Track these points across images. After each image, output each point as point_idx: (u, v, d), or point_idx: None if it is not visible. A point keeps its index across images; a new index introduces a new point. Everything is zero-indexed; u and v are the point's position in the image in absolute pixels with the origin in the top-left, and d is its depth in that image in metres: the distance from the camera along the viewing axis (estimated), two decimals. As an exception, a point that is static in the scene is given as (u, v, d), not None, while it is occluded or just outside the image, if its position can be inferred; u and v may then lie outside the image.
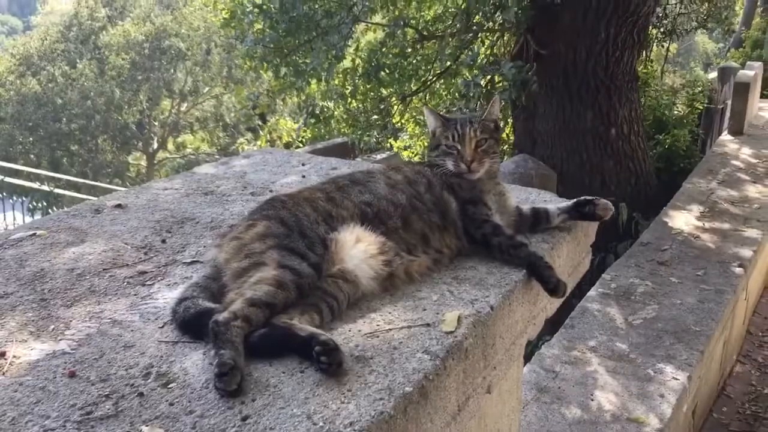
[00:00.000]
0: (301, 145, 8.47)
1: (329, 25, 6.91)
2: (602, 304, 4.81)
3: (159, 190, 2.38)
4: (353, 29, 6.68)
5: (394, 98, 7.79)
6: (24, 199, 10.99)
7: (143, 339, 1.48)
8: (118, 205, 2.22)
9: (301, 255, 1.58)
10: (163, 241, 1.97)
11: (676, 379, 3.95)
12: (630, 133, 7.12)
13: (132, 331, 1.51)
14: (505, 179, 5.53)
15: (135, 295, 1.66)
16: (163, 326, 1.52)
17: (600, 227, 2.30)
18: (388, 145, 8.02)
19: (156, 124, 23.25)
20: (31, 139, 21.74)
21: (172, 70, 21.53)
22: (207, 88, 21.46)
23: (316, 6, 6.94)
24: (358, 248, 1.66)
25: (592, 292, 4.96)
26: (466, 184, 1.97)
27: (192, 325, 1.48)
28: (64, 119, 21.40)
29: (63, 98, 21.31)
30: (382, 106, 7.55)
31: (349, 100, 7.47)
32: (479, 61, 6.44)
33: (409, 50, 7.36)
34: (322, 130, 7.44)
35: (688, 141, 9.04)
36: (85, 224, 2.08)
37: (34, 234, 1.99)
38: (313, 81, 7.08)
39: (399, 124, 8.62)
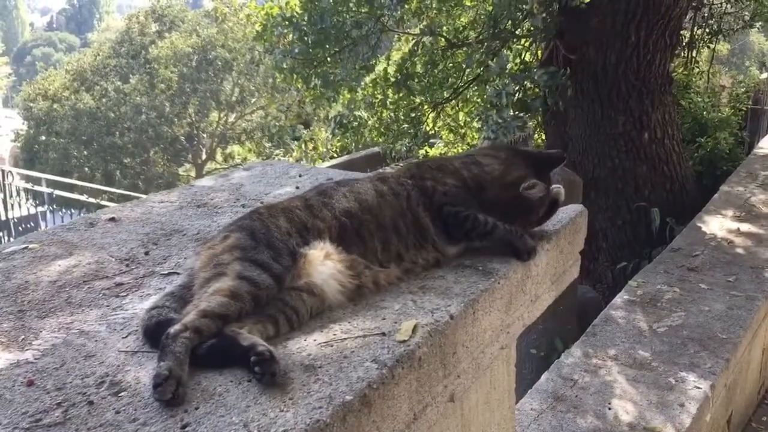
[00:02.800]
0: (335, 155, 8.57)
1: (358, 36, 6.98)
2: (627, 311, 4.73)
3: (155, 203, 2.45)
4: (381, 39, 6.73)
5: (425, 106, 7.81)
6: (72, 211, 11.35)
7: (105, 349, 1.53)
8: (112, 219, 2.30)
9: (264, 266, 1.62)
10: (147, 253, 2.03)
11: (699, 387, 3.86)
12: (664, 136, 6.99)
13: (96, 341, 1.57)
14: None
15: (107, 306, 1.73)
16: (126, 336, 1.58)
17: (633, 233, 2.29)
18: (423, 152, 8.03)
19: (204, 135, 23.72)
20: (85, 153, 22.41)
21: (219, 82, 21.96)
22: (253, 99, 21.80)
23: (346, 17, 7.01)
24: (326, 265, 1.69)
25: (617, 299, 4.89)
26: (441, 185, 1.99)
27: (153, 334, 1.53)
28: (117, 133, 22.00)
29: (116, 113, 21.92)
30: (413, 115, 7.58)
31: (379, 109, 7.52)
32: (509, 68, 6.42)
33: (439, 58, 7.37)
34: (350, 140, 7.51)
35: (732, 144, 8.82)
36: (76, 237, 2.16)
37: (26, 247, 2.08)
38: (344, 91, 7.16)
39: (432, 131, 8.63)
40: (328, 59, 7.31)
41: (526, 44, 8.03)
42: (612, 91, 6.79)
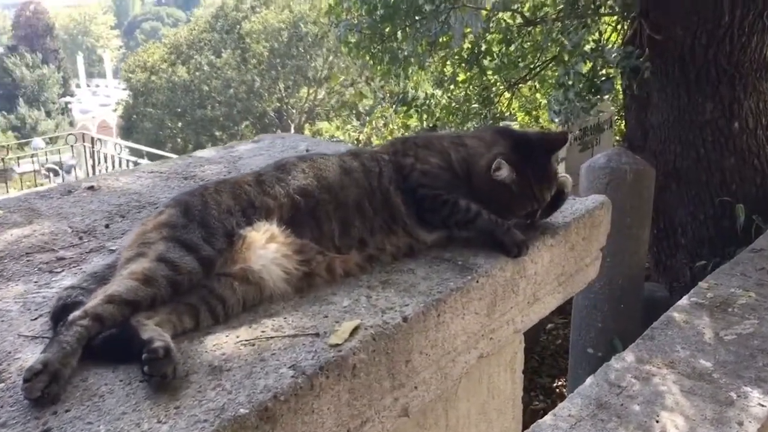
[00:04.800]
0: (403, 132, 8.31)
1: (430, 11, 6.68)
2: (692, 315, 4.31)
3: (143, 173, 2.31)
4: (450, 15, 6.41)
5: (498, 85, 7.45)
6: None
7: (6, 331, 1.38)
8: (91, 187, 2.16)
9: (191, 248, 1.42)
10: (107, 226, 1.88)
11: (762, 405, 3.45)
12: (757, 127, 6.39)
13: (2, 321, 1.41)
14: (595, 174, 5.12)
15: (35, 282, 1.58)
16: (36, 318, 1.42)
17: (715, 230, 1.99)
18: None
19: (294, 111, 23.92)
20: (179, 124, 23.02)
21: (308, 58, 22.04)
22: (342, 76, 21.76)
23: (417, -10, 6.73)
24: (268, 248, 1.48)
25: (683, 301, 4.47)
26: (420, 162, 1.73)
27: (59, 318, 1.36)
28: (209, 106, 22.47)
29: (208, 86, 22.38)
30: (484, 95, 7.24)
31: (449, 87, 7.22)
32: (581, 47, 5.98)
33: (514, 36, 6.99)
34: (416, 119, 7.24)
35: (839, 136, 8.04)
36: (45, 205, 2.03)
37: (-13, 214, 1.96)
38: (412, 68, 6.90)
39: (507, 113, 8.25)
40: (398, 34, 7.06)
41: (611, 22, 7.53)
42: (700, 75, 6.23)
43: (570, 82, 5.59)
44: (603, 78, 5.63)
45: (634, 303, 5.28)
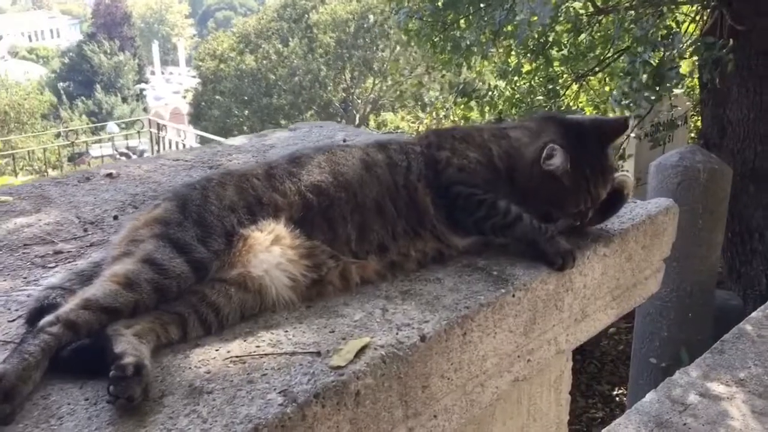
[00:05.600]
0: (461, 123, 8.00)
1: (496, -1, 6.41)
2: (767, 328, 3.97)
3: (167, 161, 2.17)
4: (516, 2, 6.11)
5: (566, 77, 7.10)
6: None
7: (-23, 333, 1.24)
8: (109, 174, 2.03)
9: (183, 248, 1.25)
10: (115, 218, 1.74)
11: None
12: None
13: (-24, 321, 1.28)
14: (666, 174, 4.78)
15: (24, 277, 1.44)
16: (14, 320, 1.28)
17: None
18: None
19: (359, 101, 23.81)
20: (246, 112, 23.20)
21: (374, 49, 21.88)
22: (402, 65, 21.51)
23: (483, -24, 6.46)
24: (272, 252, 1.30)
25: (757, 313, 4.12)
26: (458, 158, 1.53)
27: (35, 321, 1.21)
28: (275, 95, 22.56)
29: (275, 74, 22.46)
30: (549, 86, 6.92)
31: (513, 78, 6.92)
32: (652, 34, 5.60)
33: (584, 26, 6.64)
34: (476, 110, 6.97)
35: None
36: (58, 193, 1.91)
37: (-2, 200, 1.85)
38: (474, 57, 6.64)
39: (574, 106, 7.89)
40: (461, 22, 6.80)
41: (690, 12, 7.09)
42: (786, 69, 5.80)
43: (637, 71, 5.24)
44: (670, 67, 5.26)
45: (704, 312, 4.93)
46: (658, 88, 5.02)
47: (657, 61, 5.31)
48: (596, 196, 1.53)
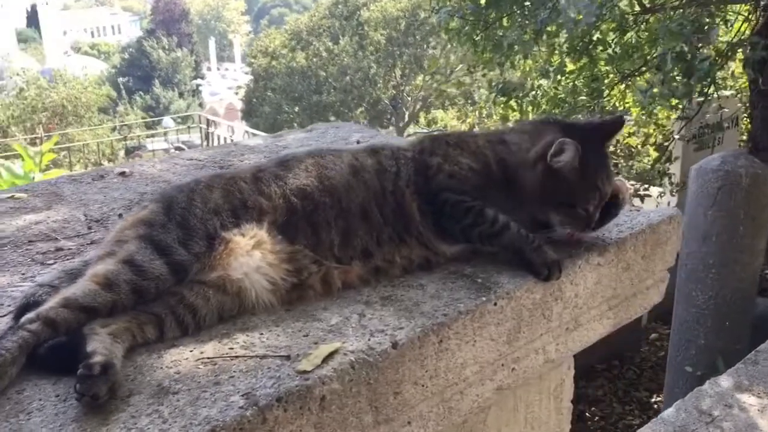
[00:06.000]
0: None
1: (539, -4, 6.33)
2: (806, 339, 3.84)
3: (181, 160, 2.21)
4: (558, 1, 6.03)
5: (611, 77, 6.98)
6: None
7: (-33, 327, 1.29)
8: (123, 173, 2.08)
9: (164, 250, 1.28)
10: (120, 216, 1.78)
11: None
12: None
13: (-32, 316, 1.33)
14: (706, 178, 4.66)
15: (22, 274, 1.49)
16: (4, 315, 1.32)
17: None
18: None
19: (409, 99, 23.81)
20: (296, 109, 23.42)
21: (425, 46, 21.85)
22: (459, 66, 21.43)
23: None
24: (252, 256, 1.32)
25: (797, 324, 4.00)
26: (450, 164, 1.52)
27: (19, 319, 1.25)
28: (325, 92, 22.72)
29: (325, 72, 22.63)
30: (593, 86, 6.80)
31: (556, 77, 6.82)
32: (684, 29, 5.46)
33: (629, 25, 6.51)
34: (517, 110, 6.88)
35: None
36: (70, 191, 1.97)
37: (12, 196, 1.91)
38: (516, 56, 6.57)
39: (620, 107, 7.75)
40: (505, 21, 6.74)
41: (743, 11, 6.88)
42: (841, 70, 5.60)
43: (667, 64, 5.12)
44: (702, 58, 5.12)
45: (743, 320, 4.80)
46: (687, 81, 4.90)
47: (688, 54, 5.18)
48: (604, 193, 1.51)
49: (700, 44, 5.31)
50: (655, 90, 5.79)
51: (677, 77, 5.17)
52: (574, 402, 5.60)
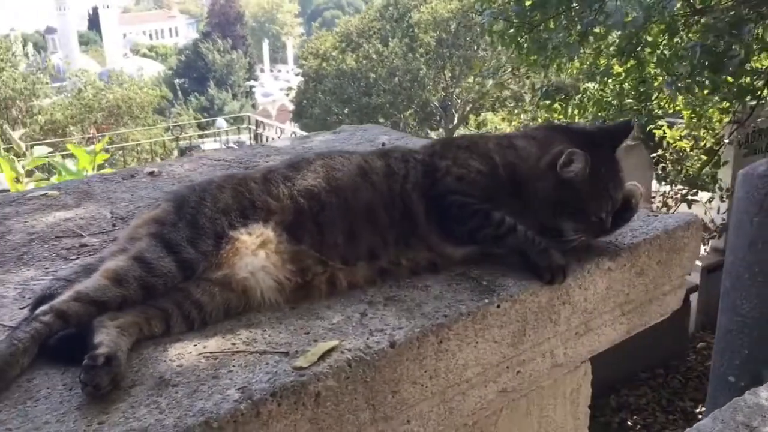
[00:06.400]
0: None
1: (586, -2, 6.26)
2: None
3: (209, 160, 2.27)
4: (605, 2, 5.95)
5: (660, 80, 6.85)
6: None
7: (-11, 318, 1.35)
8: (152, 173, 2.14)
9: (173, 248, 1.32)
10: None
11: None
12: None
13: (-9, 307, 1.39)
14: (752, 183, 4.54)
15: (46, 268, 1.56)
16: (24, 307, 1.39)
17: None
18: (643, 132, 7.09)
19: (459, 101, 23.73)
20: (345, 111, 23.58)
21: (475, 48, 21.75)
22: (509, 68, 21.29)
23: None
24: (258, 255, 1.35)
25: None
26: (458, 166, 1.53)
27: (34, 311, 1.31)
28: (374, 94, 22.81)
29: (375, 74, 22.72)
30: (641, 89, 6.69)
31: (602, 80, 6.72)
32: (718, 24, 5.33)
33: (678, 27, 6.38)
34: (559, 113, 6.79)
35: None
36: (101, 189, 2.04)
37: (46, 194, 1.99)
38: (561, 59, 6.49)
39: (670, 109, 7.59)
40: (552, 23, 6.67)
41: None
42: None
43: (695, 57, 5.02)
44: (732, 55, 5.00)
45: (791, 329, 4.66)
46: (715, 74, 4.81)
47: (719, 49, 5.08)
48: (616, 199, 1.51)
49: (734, 41, 5.18)
50: (681, 80, 5.68)
51: (700, 69, 5.07)
52: (616, 410, 5.55)
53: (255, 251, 1.35)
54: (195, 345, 1.25)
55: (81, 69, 27.81)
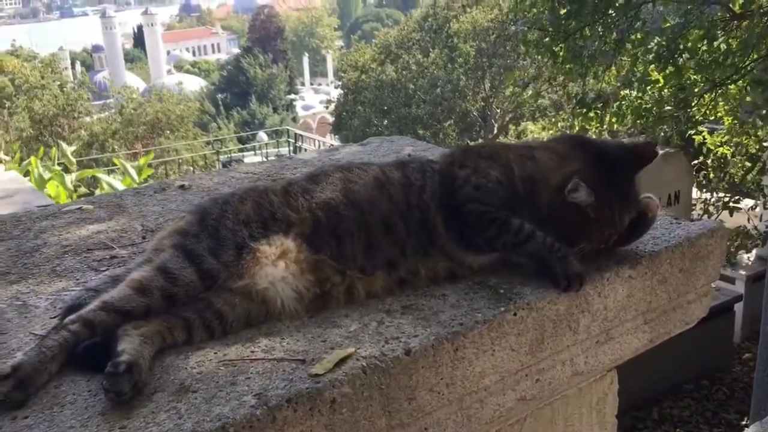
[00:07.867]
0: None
1: (621, 6, 6.22)
2: None
3: (237, 173, 2.32)
4: (641, 10, 5.90)
5: (701, 86, 6.74)
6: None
7: (22, 327, 1.41)
8: (182, 186, 2.20)
9: (195, 259, 1.36)
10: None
11: None
12: None
13: (25, 317, 1.45)
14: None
15: (77, 279, 1.61)
16: (55, 317, 1.44)
17: None
18: (682, 139, 6.98)
19: (498, 111, 23.65)
20: (385, 122, 23.65)
21: (515, 57, 21.65)
22: (548, 76, 21.15)
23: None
24: (277, 266, 1.39)
25: None
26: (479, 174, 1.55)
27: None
28: (414, 105, 22.85)
29: (415, 85, 22.76)
30: (681, 96, 6.59)
31: (640, 87, 6.64)
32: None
33: (717, 32, 6.28)
34: (595, 122, 6.72)
35: None
36: (133, 202, 2.10)
37: (80, 208, 2.05)
38: (597, 67, 6.44)
39: (711, 116, 7.47)
40: (587, 31, 6.64)
41: None
42: None
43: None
44: None
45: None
46: None
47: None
48: (621, 225, 1.51)
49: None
50: (748, 99, 5.57)
51: None
52: (658, 422, 5.47)
53: (275, 262, 1.38)
54: (215, 353, 1.28)
55: (124, 86, 28.48)
